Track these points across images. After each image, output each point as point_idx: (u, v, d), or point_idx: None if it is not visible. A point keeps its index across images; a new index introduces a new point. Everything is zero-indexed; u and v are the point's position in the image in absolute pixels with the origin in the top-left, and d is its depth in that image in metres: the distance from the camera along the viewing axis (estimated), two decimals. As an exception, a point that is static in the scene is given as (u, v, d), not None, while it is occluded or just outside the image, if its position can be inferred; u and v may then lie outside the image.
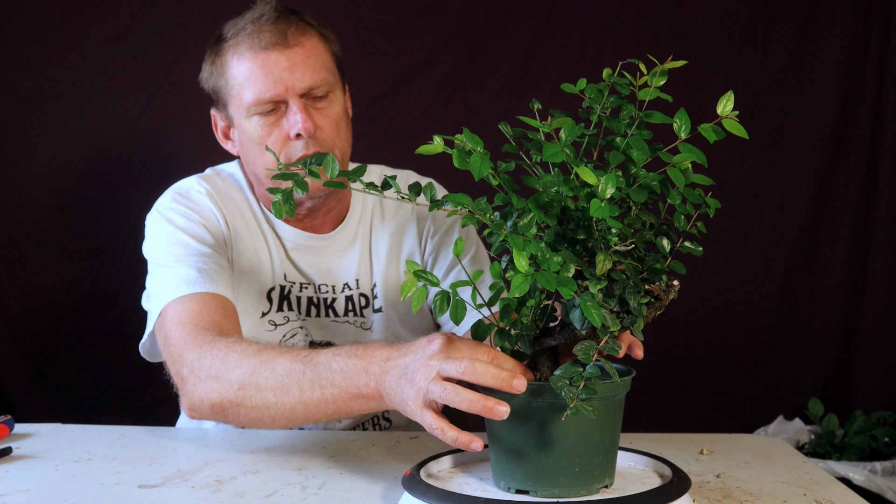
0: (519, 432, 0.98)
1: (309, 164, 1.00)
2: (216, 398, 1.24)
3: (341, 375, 1.12)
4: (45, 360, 2.45)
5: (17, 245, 2.44)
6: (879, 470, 2.41)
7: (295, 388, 1.16)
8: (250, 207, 1.58)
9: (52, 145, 2.43)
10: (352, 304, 1.59)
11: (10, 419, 1.39)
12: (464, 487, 1.04)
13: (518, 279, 0.89)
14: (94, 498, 1.10)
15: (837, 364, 2.70)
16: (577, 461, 0.98)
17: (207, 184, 1.57)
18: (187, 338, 1.32)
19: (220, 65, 1.50)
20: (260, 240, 1.57)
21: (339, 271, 1.59)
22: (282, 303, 1.56)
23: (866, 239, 2.68)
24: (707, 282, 2.61)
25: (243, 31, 1.47)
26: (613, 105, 1.02)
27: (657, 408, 2.59)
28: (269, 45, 1.45)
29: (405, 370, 1.05)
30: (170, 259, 1.46)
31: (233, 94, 1.48)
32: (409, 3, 2.54)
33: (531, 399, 0.97)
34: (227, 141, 1.58)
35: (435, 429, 1.01)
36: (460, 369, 0.99)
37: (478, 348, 1.03)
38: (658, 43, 2.57)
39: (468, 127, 1.00)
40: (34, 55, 2.42)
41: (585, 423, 0.97)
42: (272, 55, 1.45)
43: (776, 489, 1.12)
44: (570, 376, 0.91)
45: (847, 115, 2.65)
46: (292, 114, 1.45)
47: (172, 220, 1.50)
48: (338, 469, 1.21)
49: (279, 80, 1.44)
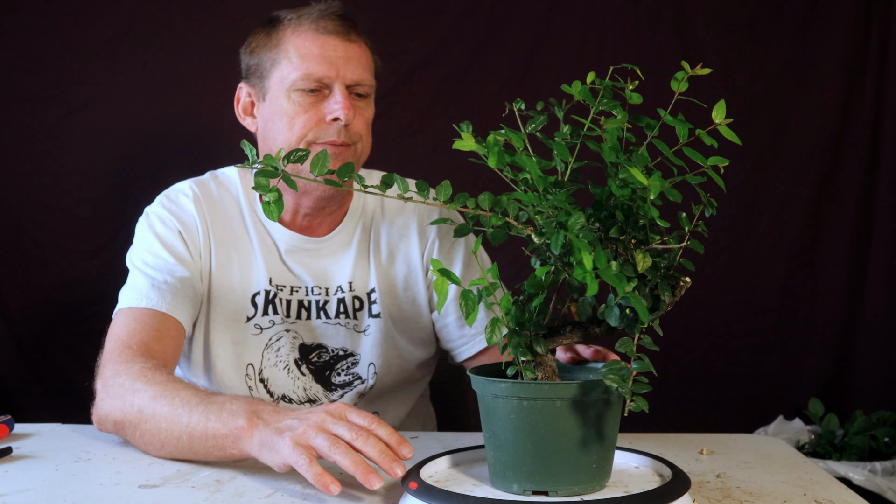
0: (542, 433, 0.98)
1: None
2: (118, 416, 1.30)
3: (229, 413, 1.17)
4: (45, 360, 2.45)
5: (17, 245, 2.44)
6: (879, 470, 2.41)
7: (185, 416, 1.21)
8: (241, 212, 1.59)
9: (52, 145, 2.43)
10: (344, 307, 1.58)
11: (10, 419, 1.39)
12: (463, 488, 1.04)
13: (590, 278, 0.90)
14: (94, 498, 1.10)
15: (837, 364, 2.70)
16: (595, 458, 1.00)
17: (199, 188, 1.59)
18: (112, 353, 1.38)
19: (274, 37, 1.52)
20: (248, 245, 1.57)
21: (332, 274, 1.59)
22: (267, 307, 1.56)
23: (866, 239, 2.68)
24: (707, 282, 2.61)
25: (307, 15, 1.51)
26: (606, 108, 1.04)
27: (657, 408, 2.59)
28: (332, 32, 1.50)
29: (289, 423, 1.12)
30: (136, 265, 1.52)
31: (281, 65, 1.49)
32: (409, 3, 2.54)
33: (556, 399, 0.97)
34: (248, 117, 1.58)
35: (300, 463, 1.06)
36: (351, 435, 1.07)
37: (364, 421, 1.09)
38: (658, 43, 2.58)
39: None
40: (34, 55, 2.42)
41: (605, 418, 0.99)
42: (332, 41, 1.49)
43: (776, 489, 1.12)
44: (619, 372, 0.93)
45: (847, 115, 2.65)
46: (335, 99, 1.48)
47: (153, 224, 1.55)
48: (338, 469, 1.21)
49: (333, 64, 1.48)
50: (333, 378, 1.58)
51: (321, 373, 1.58)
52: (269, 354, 1.56)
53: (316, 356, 1.57)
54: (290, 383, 1.56)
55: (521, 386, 0.99)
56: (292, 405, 1.56)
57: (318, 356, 1.57)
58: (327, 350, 1.58)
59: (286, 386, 1.56)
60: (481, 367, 1.09)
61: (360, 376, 1.59)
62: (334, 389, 1.58)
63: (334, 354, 1.58)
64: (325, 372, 1.58)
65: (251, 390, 1.56)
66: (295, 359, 1.57)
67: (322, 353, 1.58)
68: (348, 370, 1.58)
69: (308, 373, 1.57)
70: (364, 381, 1.59)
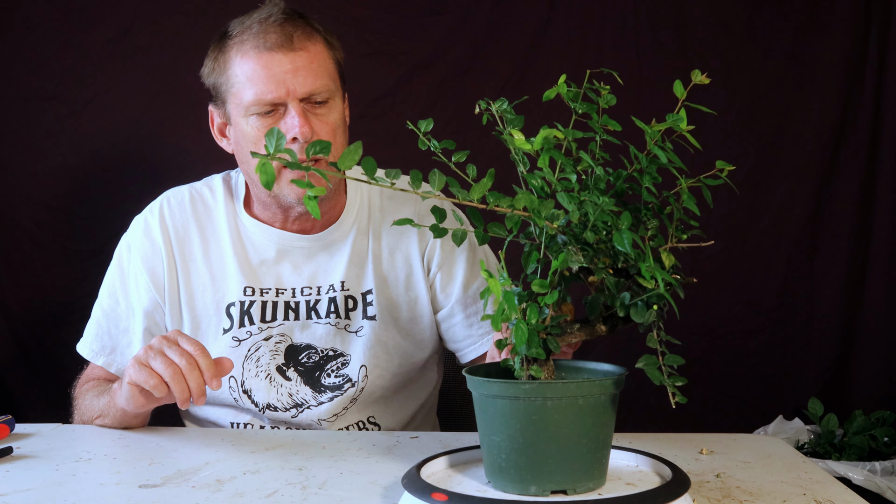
0: (563, 431, 0.98)
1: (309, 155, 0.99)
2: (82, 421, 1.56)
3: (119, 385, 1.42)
4: (45, 360, 2.45)
5: (18, 245, 2.44)
6: (879, 470, 2.41)
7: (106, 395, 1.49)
8: (223, 221, 1.59)
9: (52, 145, 2.43)
10: (335, 306, 1.57)
11: (10, 419, 1.39)
12: (463, 488, 1.04)
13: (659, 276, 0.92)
14: (94, 498, 1.10)
15: (837, 364, 2.70)
16: (607, 453, 1.02)
17: (170, 205, 1.62)
18: (79, 385, 1.65)
19: (223, 61, 1.50)
20: (222, 255, 1.58)
21: (324, 273, 1.58)
22: (243, 318, 1.55)
23: (866, 239, 2.68)
24: (707, 282, 2.61)
25: (249, 30, 1.47)
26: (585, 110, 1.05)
27: (657, 408, 2.59)
28: (274, 46, 1.45)
29: (136, 354, 1.33)
30: (100, 302, 1.65)
31: (233, 91, 1.48)
32: (409, 3, 2.53)
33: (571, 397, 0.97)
34: (223, 138, 1.58)
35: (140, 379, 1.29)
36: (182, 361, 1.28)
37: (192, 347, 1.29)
38: (658, 43, 2.57)
39: (468, 127, 1.00)
40: (34, 55, 2.42)
41: (602, 419, 0.99)
42: (276, 57, 1.44)
43: (776, 489, 1.12)
44: (658, 366, 0.95)
45: (847, 115, 2.65)
46: (290, 117, 1.44)
47: (120, 253, 1.64)
48: (338, 469, 1.21)
49: (281, 83, 1.44)
50: (323, 380, 1.57)
51: (311, 374, 1.57)
52: (249, 365, 1.56)
53: (305, 357, 1.56)
54: (273, 392, 1.55)
55: (515, 385, 0.99)
56: (277, 412, 1.56)
57: (308, 357, 1.56)
58: (316, 350, 1.56)
59: (269, 395, 1.55)
60: (476, 368, 1.08)
61: (350, 378, 1.57)
62: (323, 391, 1.56)
63: (324, 355, 1.57)
64: (314, 373, 1.57)
65: (236, 401, 1.56)
66: (278, 365, 1.56)
67: (311, 353, 1.56)
68: (338, 371, 1.57)
69: (296, 376, 1.56)
70: (354, 385, 1.57)
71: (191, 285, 1.57)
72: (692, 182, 1.02)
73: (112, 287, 1.63)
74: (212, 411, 1.61)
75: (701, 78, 1.03)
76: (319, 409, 1.56)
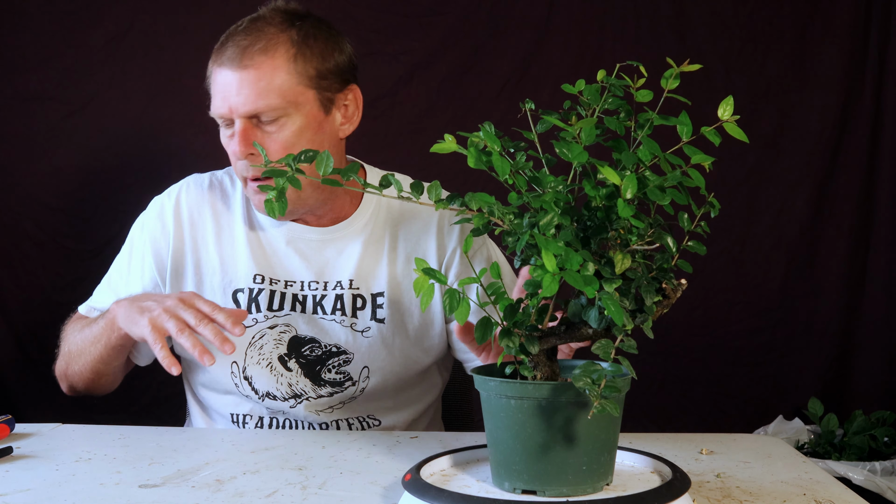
0: (528, 432, 0.98)
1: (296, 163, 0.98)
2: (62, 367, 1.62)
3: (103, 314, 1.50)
4: (45, 360, 2.43)
5: (18, 245, 2.44)
6: (879, 470, 2.41)
7: (88, 331, 1.52)
8: (239, 208, 1.61)
9: (52, 145, 2.43)
10: (341, 303, 1.57)
11: (10, 419, 1.39)
12: (464, 487, 1.04)
13: (548, 279, 0.89)
14: (94, 498, 1.10)
15: (837, 364, 2.70)
16: (585, 459, 0.98)
17: (189, 189, 1.63)
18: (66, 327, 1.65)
19: (208, 66, 1.52)
20: (234, 241, 1.59)
21: (333, 268, 1.58)
22: (250, 305, 1.56)
23: (866, 239, 2.68)
24: (707, 282, 2.61)
25: (222, 40, 1.49)
26: (611, 106, 1.02)
27: (657, 408, 2.59)
28: (226, 61, 1.46)
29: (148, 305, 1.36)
30: (108, 274, 1.69)
31: None
32: (409, 3, 2.54)
33: (542, 398, 0.96)
34: None
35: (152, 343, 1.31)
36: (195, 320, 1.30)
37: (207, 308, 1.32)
38: (658, 43, 2.57)
39: (468, 127, 1.00)
40: (34, 55, 2.42)
41: (596, 420, 0.97)
42: (224, 73, 1.46)
43: (776, 489, 1.12)
44: (591, 374, 0.91)
45: (847, 116, 2.65)
46: (234, 134, 1.47)
47: (133, 231, 1.67)
48: (338, 469, 1.21)
49: (225, 100, 1.46)
50: (324, 374, 1.57)
51: (312, 367, 1.57)
52: (252, 352, 1.56)
53: (308, 350, 1.57)
54: (273, 381, 1.56)
55: (511, 385, 0.99)
56: (276, 401, 1.56)
57: (311, 350, 1.57)
58: (320, 345, 1.57)
59: (269, 384, 1.56)
60: (485, 367, 1.09)
61: (350, 377, 1.57)
62: (323, 385, 1.57)
63: (327, 350, 1.57)
64: (315, 367, 1.57)
65: (237, 387, 1.57)
66: (280, 355, 1.56)
67: (314, 347, 1.57)
68: (339, 368, 1.57)
69: (297, 367, 1.56)
70: (355, 384, 1.57)
71: (200, 269, 1.59)
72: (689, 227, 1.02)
73: (120, 262, 1.67)
74: (213, 398, 1.61)
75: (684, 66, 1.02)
76: (318, 402, 1.57)
